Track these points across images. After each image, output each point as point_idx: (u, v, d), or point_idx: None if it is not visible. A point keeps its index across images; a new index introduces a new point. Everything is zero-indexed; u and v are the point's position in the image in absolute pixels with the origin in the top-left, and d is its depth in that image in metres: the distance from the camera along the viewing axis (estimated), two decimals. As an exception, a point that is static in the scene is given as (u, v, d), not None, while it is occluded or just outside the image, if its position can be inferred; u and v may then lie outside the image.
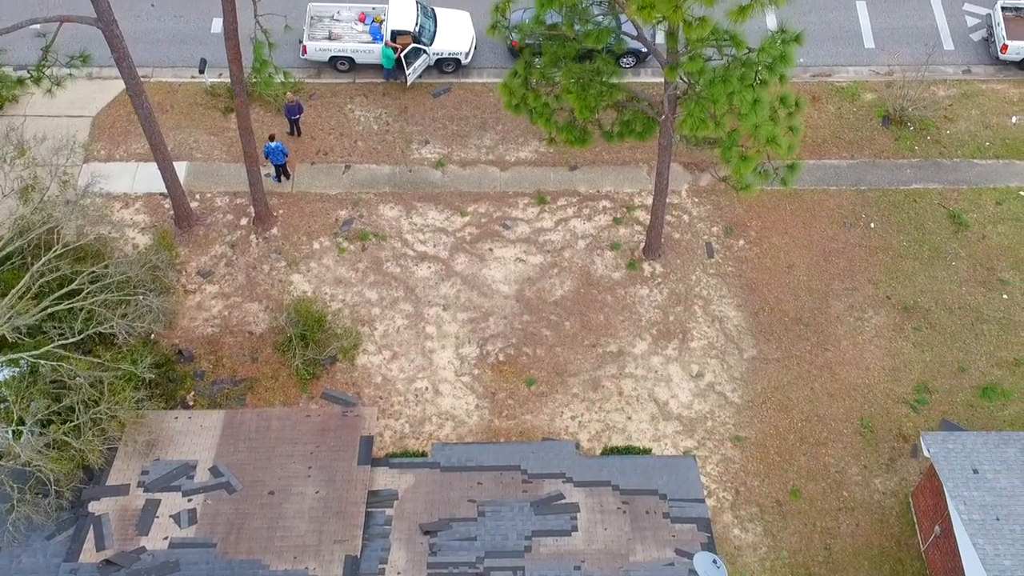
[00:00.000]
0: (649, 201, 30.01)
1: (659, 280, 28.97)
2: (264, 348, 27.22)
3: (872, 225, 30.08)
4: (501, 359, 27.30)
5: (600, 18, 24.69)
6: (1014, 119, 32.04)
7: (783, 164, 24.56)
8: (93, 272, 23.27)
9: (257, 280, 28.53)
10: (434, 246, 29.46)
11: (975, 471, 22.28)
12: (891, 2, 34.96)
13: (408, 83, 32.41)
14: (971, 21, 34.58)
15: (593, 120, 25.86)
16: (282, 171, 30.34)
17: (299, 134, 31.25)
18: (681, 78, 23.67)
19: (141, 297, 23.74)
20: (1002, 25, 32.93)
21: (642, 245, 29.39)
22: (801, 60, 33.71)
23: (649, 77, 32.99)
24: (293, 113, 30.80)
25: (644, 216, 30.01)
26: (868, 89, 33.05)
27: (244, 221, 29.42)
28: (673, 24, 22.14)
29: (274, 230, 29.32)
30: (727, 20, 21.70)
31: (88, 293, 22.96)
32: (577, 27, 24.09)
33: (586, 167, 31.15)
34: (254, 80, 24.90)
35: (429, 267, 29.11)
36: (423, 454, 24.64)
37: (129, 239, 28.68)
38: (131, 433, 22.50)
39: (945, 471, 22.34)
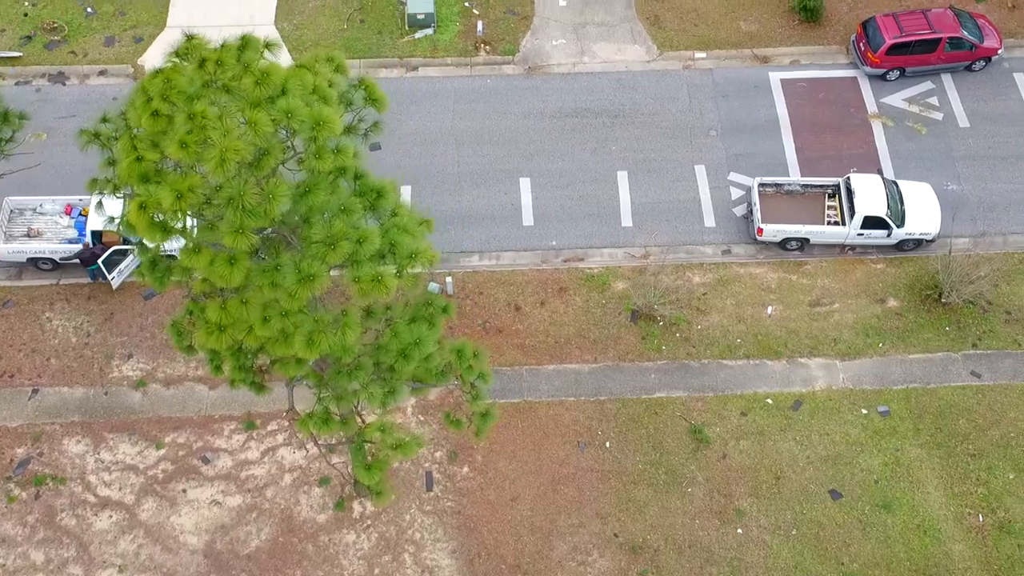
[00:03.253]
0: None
1: (368, 522, 25.81)
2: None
3: (608, 444, 27.20)
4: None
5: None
6: (769, 310, 29.59)
7: (476, 412, 21.94)
8: None
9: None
10: (120, 489, 25.90)
11: None
12: (654, 172, 32.17)
13: (115, 287, 29.21)
14: (735, 193, 31.83)
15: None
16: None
17: (-18, 353, 27.63)
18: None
19: None
20: (758, 205, 29.95)
21: (354, 478, 26.08)
22: (553, 243, 31.20)
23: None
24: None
25: (364, 439, 26.95)
26: (620, 276, 30.26)
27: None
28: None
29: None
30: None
31: None
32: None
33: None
34: None
35: (110, 516, 25.29)
36: None
37: None
38: None
39: None
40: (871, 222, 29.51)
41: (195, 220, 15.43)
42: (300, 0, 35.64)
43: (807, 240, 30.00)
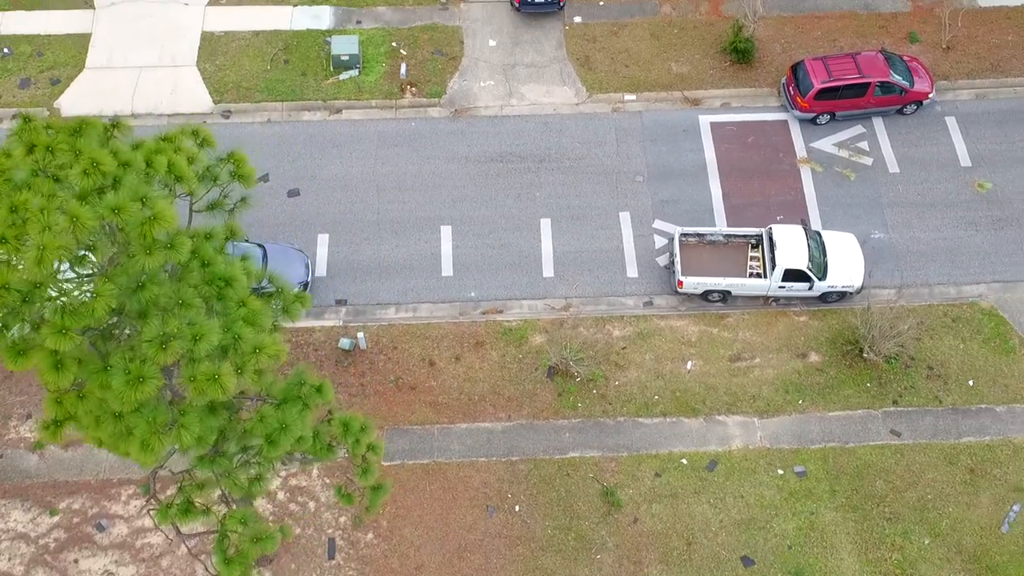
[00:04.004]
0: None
1: (266, 593, 25.25)
2: None
3: (518, 508, 26.16)
4: None
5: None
6: (689, 365, 28.80)
7: (366, 486, 21.12)
8: None
9: None
10: (9, 559, 24.74)
11: None
12: (578, 219, 31.32)
13: (15, 343, 28.28)
14: (659, 241, 31.00)
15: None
16: None
17: None
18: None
19: None
20: (679, 257, 29.08)
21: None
22: (472, 294, 30.43)
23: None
24: None
25: (265, 505, 25.91)
26: (539, 330, 29.40)
27: None
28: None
29: None
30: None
31: None
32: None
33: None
34: None
35: (-2, 589, 24.93)
36: None
37: None
38: None
39: None
40: (792, 275, 28.71)
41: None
42: (223, 40, 34.88)
43: (729, 292, 29.57)
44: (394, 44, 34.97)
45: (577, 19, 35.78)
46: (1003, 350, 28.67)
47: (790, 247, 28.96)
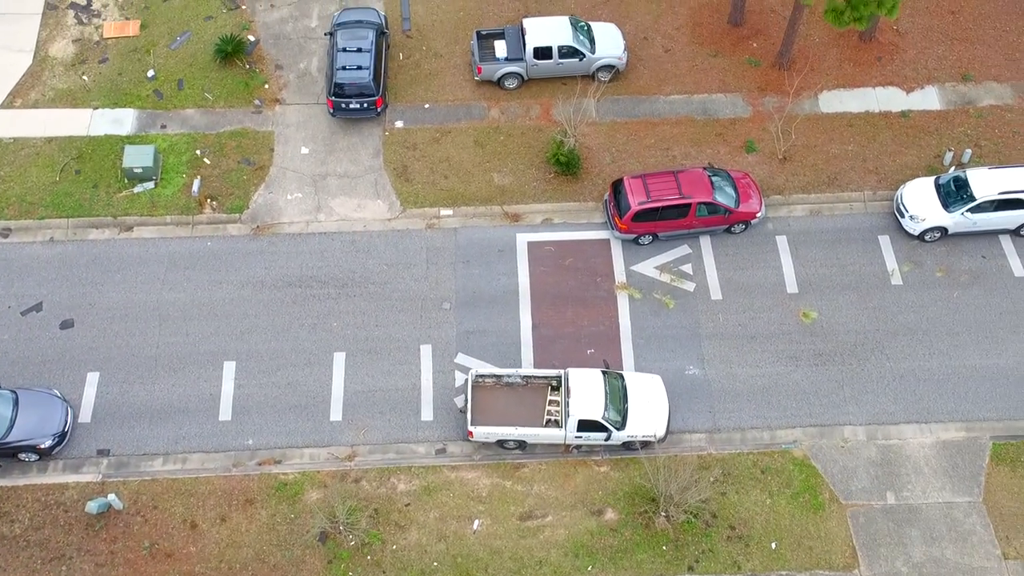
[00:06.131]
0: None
1: None
2: None
3: None
4: None
5: None
6: (476, 524, 25.98)
7: None
8: None
9: None
10: None
11: None
12: (375, 353, 28.64)
13: None
14: (459, 379, 28.58)
15: None
16: None
17: None
18: None
19: None
20: (471, 402, 26.50)
21: None
22: (249, 441, 27.55)
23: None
24: None
25: None
26: (318, 483, 26.75)
27: None
28: None
29: None
30: None
31: None
32: None
33: None
34: None
35: None
36: None
37: None
38: None
39: None
40: (588, 425, 26.48)
41: None
42: (11, 148, 31.97)
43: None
44: (198, 152, 32.28)
45: (399, 124, 33.32)
46: (812, 507, 26.52)
47: (586, 395, 26.55)
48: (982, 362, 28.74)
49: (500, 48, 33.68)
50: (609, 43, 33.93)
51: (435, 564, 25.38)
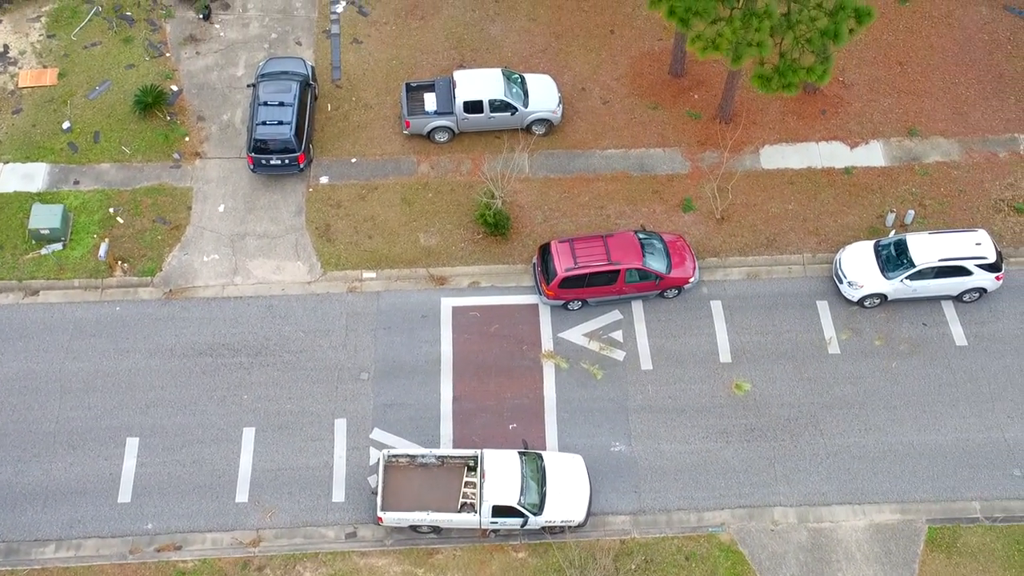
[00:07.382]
0: None
1: None
2: None
3: None
4: None
5: None
6: (383, 617, 25.45)
7: None
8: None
9: None
10: None
11: None
12: (286, 428, 27.10)
13: None
14: (374, 456, 27.05)
15: None
16: None
17: None
18: None
19: None
20: (382, 485, 24.93)
21: None
22: (149, 525, 25.93)
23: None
24: None
25: None
26: (218, 572, 24.80)
27: None
28: None
29: None
30: None
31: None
32: None
33: None
34: None
35: None
36: None
37: None
38: None
39: None
40: (503, 510, 25.12)
41: None
42: (-87, 206, 30.96)
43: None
44: (112, 210, 30.78)
45: (324, 179, 31.96)
46: (737, 597, 25.51)
47: (501, 479, 25.06)
48: (919, 439, 27.63)
49: (430, 101, 32.47)
50: (543, 96, 32.80)
51: (338, 661, 24.18)
